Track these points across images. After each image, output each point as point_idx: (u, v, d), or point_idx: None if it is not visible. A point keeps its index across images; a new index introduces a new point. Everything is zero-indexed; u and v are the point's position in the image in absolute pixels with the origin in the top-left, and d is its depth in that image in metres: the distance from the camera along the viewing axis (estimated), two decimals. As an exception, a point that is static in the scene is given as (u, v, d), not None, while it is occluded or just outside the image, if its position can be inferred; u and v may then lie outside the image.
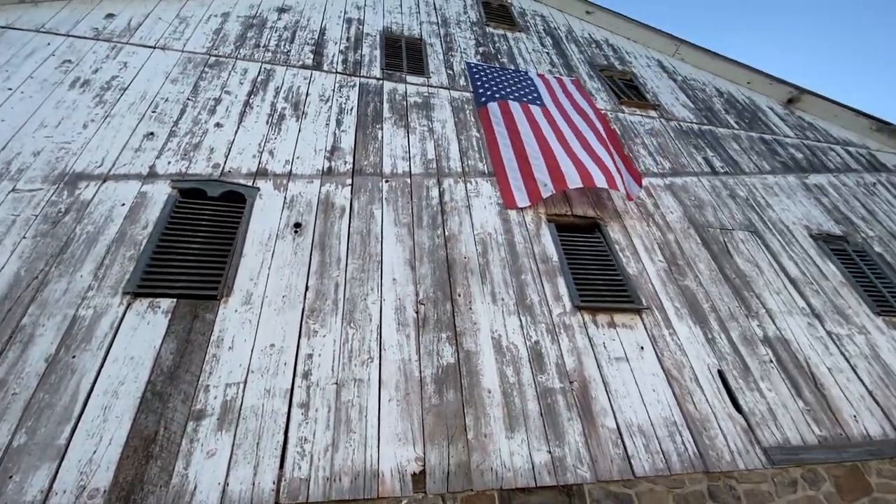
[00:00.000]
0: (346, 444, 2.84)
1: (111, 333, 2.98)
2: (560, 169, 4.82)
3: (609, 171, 4.82)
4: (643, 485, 3.08)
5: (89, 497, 2.40)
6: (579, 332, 3.79)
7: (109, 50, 5.03)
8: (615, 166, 4.98)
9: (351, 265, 3.76)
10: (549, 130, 5.38)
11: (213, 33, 5.71)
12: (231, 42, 5.66)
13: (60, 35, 5.03)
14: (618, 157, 5.21)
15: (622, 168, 5.11)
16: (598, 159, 5.00)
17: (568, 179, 4.68)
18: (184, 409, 2.78)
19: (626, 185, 4.83)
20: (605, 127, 5.65)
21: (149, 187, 3.85)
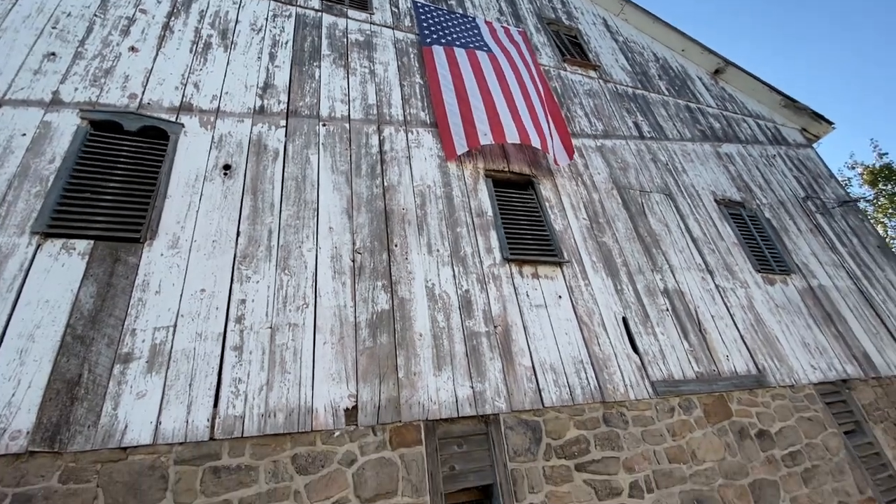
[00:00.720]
0: (280, 383, 2.98)
1: (21, 275, 2.81)
2: (500, 121, 4.92)
3: (543, 134, 5.00)
4: (550, 413, 3.55)
5: (11, 438, 2.38)
6: (506, 282, 4.10)
7: (-12, -57, 4.24)
8: (549, 129, 5.18)
9: (285, 211, 3.72)
10: (494, 80, 5.40)
11: (122, -64, 4.95)
12: (144, -50, 4.96)
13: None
14: (552, 121, 5.39)
15: (554, 133, 5.30)
16: (536, 119, 5.16)
17: (507, 133, 4.81)
18: (109, 353, 2.75)
19: (554, 151, 5.06)
20: (545, 87, 5.76)
21: (53, 116, 3.47)
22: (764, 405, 4.40)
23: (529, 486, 3.20)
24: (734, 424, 4.16)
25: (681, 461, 3.73)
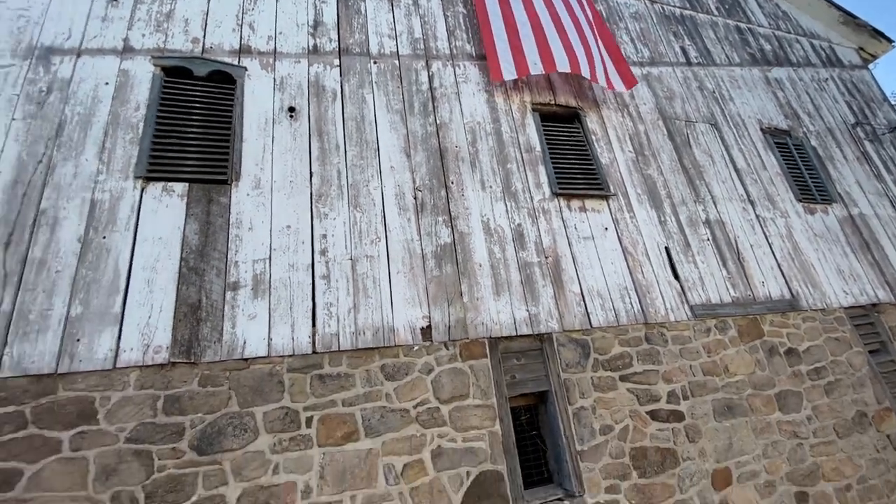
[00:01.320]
0: (365, 306, 3.39)
1: (133, 216, 3.17)
2: (550, 48, 4.85)
3: (593, 61, 4.93)
4: (597, 333, 3.93)
5: (155, 352, 2.87)
6: (555, 216, 4.33)
7: None
8: (600, 56, 5.08)
9: (350, 152, 3.94)
10: (542, 5, 5.23)
11: None
12: None
13: None
14: (604, 47, 5.26)
15: (608, 59, 5.20)
16: (587, 46, 5.05)
17: (557, 61, 4.76)
18: (219, 282, 3.16)
19: (608, 76, 5.00)
20: (592, 10, 5.54)
21: (129, 64, 3.66)
22: (794, 327, 4.71)
23: (580, 393, 3.66)
24: (765, 343, 4.51)
25: (714, 374, 4.14)
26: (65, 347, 2.73)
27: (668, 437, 3.75)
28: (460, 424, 3.27)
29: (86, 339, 2.78)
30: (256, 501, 2.72)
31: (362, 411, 3.11)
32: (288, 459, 2.86)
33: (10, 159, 3.09)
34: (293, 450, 2.89)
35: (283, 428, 2.92)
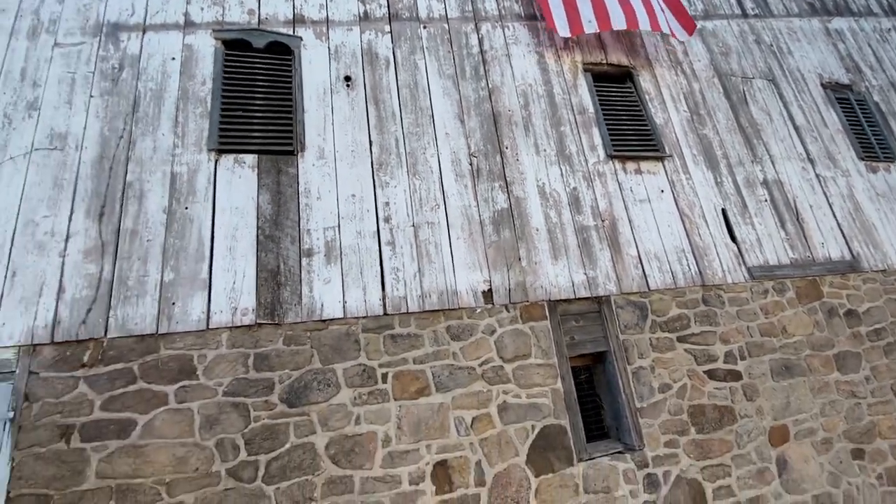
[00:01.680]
0: (429, 271, 3.50)
1: (210, 187, 3.32)
2: (605, 5, 4.68)
3: (653, 11, 4.72)
4: (655, 295, 3.96)
5: (242, 314, 3.06)
6: (611, 178, 4.30)
7: None
8: (659, 4, 4.86)
9: (405, 119, 3.97)
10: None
11: None
12: None
13: None
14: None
15: (665, 7, 4.97)
16: (649, 4, 4.84)
17: (613, 19, 4.59)
18: (294, 249, 3.32)
19: (669, 24, 4.78)
20: None
21: (192, 39, 3.74)
22: (854, 288, 4.61)
23: (638, 353, 3.74)
24: (824, 305, 4.45)
25: (772, 335, 4.14)
26: (162, 310, 2.95)
27: (725, 395, 3.81)
28: (524, 382, 3.41)
29: (180, 303, 2.99)
30: (342, 449, 2.94)
31: (432, 368, 3.27)
32: (368, 411, 3.07)
33: (93, 135, 3.25)
34: (372, 403, 3.09)
35: (362, 383, 3.11)
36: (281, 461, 2.83)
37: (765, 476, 3.64)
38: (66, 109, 3.27)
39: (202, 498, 2.64)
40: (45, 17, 3.50)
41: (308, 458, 2.87)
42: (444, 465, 3.07)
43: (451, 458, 3.09)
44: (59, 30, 3.49)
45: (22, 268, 2.83)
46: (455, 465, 3.08)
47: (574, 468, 3.28)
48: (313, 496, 2.81)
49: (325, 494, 2.83)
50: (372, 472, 2.94)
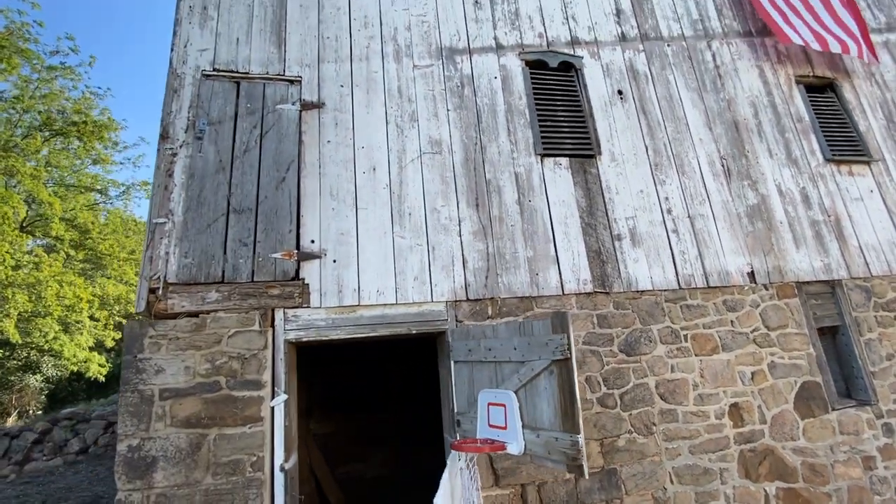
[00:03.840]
0: (706, 255, 4.33)
1: (542, 185, 4.21)
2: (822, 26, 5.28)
3: (856, 38, 5.31)
4: (875, 280, 4.70)
5: (583, 284, 3.97)
6: (830, 179, 5.00)
7: None
8: (856, 28, 5.44)
9: (668, 127, 4.75)
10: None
11: None
12: None
13: None
14: (854, 18, 5.58)
15: (856, 30, 5.54)
16: (842, 23, 5.42)
17: (830, 42, 5.20)
18: (607, 234, 4.19)
19: (865, 50, 5.37)
20: None
21: (504, 60, 4.58)
22: None
23: (867, 328, 4.51)
24: None
25: (971, 317, 4.83)
26: (532, 279, 3.88)
27: (937, 365, 4.56)
28: (785, 346, 4.24)
29: (542, 274, 3.92)
30: (667, 390, 3.86)
31: (717, 332, 4.14)
32: (679, 362, 3.97)
33: (457, 142, 4.17)
34: (680, 357, 3.99)
35: (672, 341, 4.01)
36: (629, 395, 3.77)
37: (974, 431, 4.41)
38: (434, 121, 4.19)
39: (584, 418, 3.60)
40: (402, 43, 4.39)
41: (646, 394, 3.80)
42: (737, 406, 3.95)
43: (740, 401, 3.98)
44: (414, 53, 4.38)
45: (437, 244, 3.80)
46: (744, 407, 3.97)
47: (829, 415, 4.13)
48: (653, 421, 3.75)
49: (660, 421, 3.77)
50: (688, 408, 3.86)
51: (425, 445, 6.28)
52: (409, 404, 7.01)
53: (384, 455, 6.82)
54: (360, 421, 6.84)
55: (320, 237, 3.60)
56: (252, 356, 3.23)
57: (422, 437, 6.61)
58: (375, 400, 7.03)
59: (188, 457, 2.97)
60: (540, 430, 2.54)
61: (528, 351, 2.69)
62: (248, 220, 3.51)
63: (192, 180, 3.50)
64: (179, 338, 3.18)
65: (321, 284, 3.49)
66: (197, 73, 3.81)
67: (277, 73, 3.98)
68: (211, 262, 3.35)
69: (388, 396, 7.12)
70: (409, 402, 7.03)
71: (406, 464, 6.70)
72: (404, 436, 6.91)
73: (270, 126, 3.80)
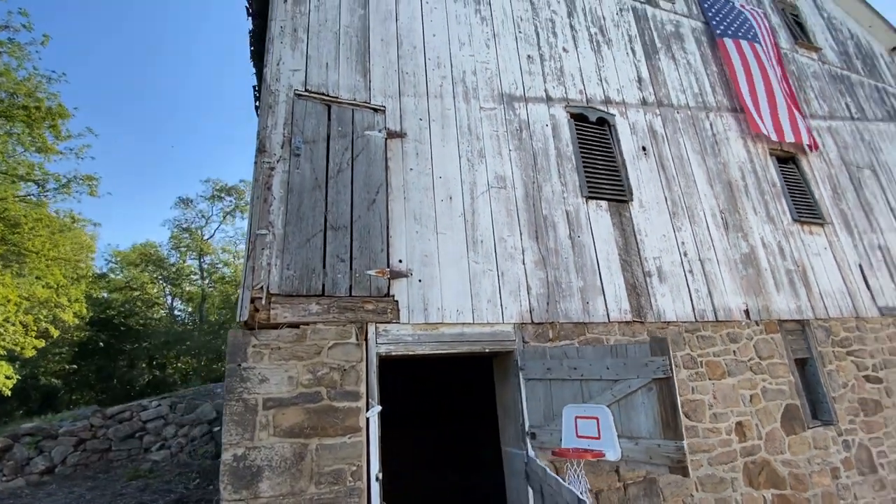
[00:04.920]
0: (714, 293, 5.10)
1: (588, 223, 4.77)
2: (779, 118, 6.50)
3: (800, 131, 6.60)
4: (832, 321, 5.74)
5: (624, 313, 4.54)
6: (797, 236, 6.07)
7: (453, -49, 5.50)
8: (804, 124, 6.74)
9: (680, 181, 5.56)
10: (769, 72, 6.83)
11: (512, -67, 6.08)
12: (527, -55, 6.12)
13: (409, -73, 5.36)
14: (799, 116, 6.89)
15: (800, 120, 6.85)
16: (793, 114, 6.70)
17: (786, 132, 6.42)
18: (640, 271, 4.82)
19: (809, 139, 6.67)
20: (784, 76, 7.14)
21: (553, 111, 5.17)
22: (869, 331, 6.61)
23: (828, 360, 5.49)
24: (919, 337, 6.40)
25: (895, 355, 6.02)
26: (584, 307, 4.38)
27: (875, 393, 5.63)
28: (773, 373, 5.06)
29: (591, 303, 4.43)
30: (690, 409, 4.46)
31: (724, 360, 4.86)
32: (697, 385, 4.61)
33: (518, 179, 4.63)
34: (698, 380, 4.64)
35: (692, 366, 4.66)
36: (662, 412, 4.31)
37: (902, 448, 5.48)
38: (499, 158, 4.63)
39: (633, 431, 4.07)
40: (469, 85, 4.83)
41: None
42: (741, 424, 4.66)
43: (743, 420, 4.68)
44: (480, 96, 4.83)
45: (505, 271, 4.19)
46: (746, 425, 4.68)
47: (806, 433, 4.96)
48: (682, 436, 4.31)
49: (686, 437, 4.34)
50: (706, 425, 4.49)
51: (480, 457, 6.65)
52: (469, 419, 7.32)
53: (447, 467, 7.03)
54: (428, 434, 7.04)
55: (406, 258, 3.84)
56: (350, 368, 3.38)
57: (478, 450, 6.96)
58: (436, 414, 7.29)
59: (293, 466, 3.04)
60: (638, 439, 2.97)
61: (624, 370, 3.13)
62: (344, 237, 3.68)
63: (290, 195, 3.63)
64: (281, 348, 3.26)
65: (409, 302, 3.72)
66: (290, 92, 3.97)
67: (364, 100, 4.23)
68: (311, 275, 3.48)
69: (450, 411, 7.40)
70: (469, 417, 7.34)
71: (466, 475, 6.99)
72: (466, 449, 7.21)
73: (360, 150, 4.03)
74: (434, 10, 5.02)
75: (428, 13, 4.97)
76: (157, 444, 7.13)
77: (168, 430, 7.31)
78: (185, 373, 32.70)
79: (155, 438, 7.21)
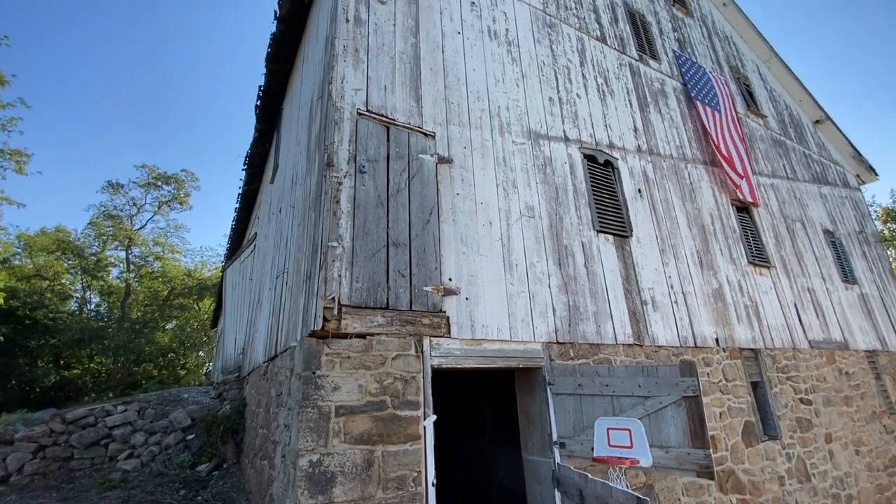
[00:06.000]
0: (693, 322, 5.87)
1: (598, 255, 5.35)
2: (737, 176, 7.62)
3: (753, 187, 7.80)
4: (777, 350, 6.77)
5: (627, 337, 5.12)
6: (750, 276, 7.10)
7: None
8: (756, 181, 7.94)
9: (667, 222, 6.35)
10: (730, 137, 7.97)
11: (535, -17, 6.67)
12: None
13: (451, -34, 5.74)
14: (750, 170, 8.12)
15: (755, 179, 8.08)
16: (747, 174, 7.90)
17: (741, 190, 7.55)
18: (638, 299, 5.46)
19: (754, 193, 7.89)
20: (742, 138, 8.39)
21: (570, 150, 5.74)
22: (849, 358, 7.96)
23: (773, 384, 6.47)
24: (836, 367, 7.69)
25: (820, 381, 7.19)
26: (597, 329, 4.90)
27: (808, 413, 6.71)
28: (735, 394, 5.90)
29: (602, 326, 4.97)
30: (677, 423, 5.11)
31: (701, 381, 5.60)
32: (682, 403, 5.28)
33: (543, 210, 5.11)
34: (682, 398, 5.31)
35: (678, 386, 5.32)
36: (657, 426, 4.92)
37: (825, 459, 6.57)
38: (528, 190, 5.08)
39: (637, 442, 4.62)
40: (503, 119, 5.26)
41: (666, 425, 5.00)
42: (713, 437, 5.39)
43: (715, 434, 5.43)
44: (512, 131, 5.28)
45: (535, 293, 4.62)
46: (717, 438, 5.43)
47: (759, 446, 5.82)
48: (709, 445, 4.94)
49: (674, 447, 4.98)
50: (688, 437, 5.15)
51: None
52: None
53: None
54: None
55: (455, 276, 4.14)
56: (411, 378, 3.60)
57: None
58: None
59: (363, 472, 3.20)
60: (668, 448, 3.48)
61: (655, 388, 3.65)
62: (404, 253, 3.91)
63: (357, 210, 3.81)
64: (351, 357, 3.42)
65: (457, 318, 4.01)
66: (353, 111, 4.16)
67: (417, 125, 4.51)
68: (377, 288, 3.67)
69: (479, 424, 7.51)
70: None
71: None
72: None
73: (415, 172, 4.29)
74: (473, 47, 5.42)
75: (469, 49, 5.36)
76: (125, 452, 6.63)
77: (137, 438, 6.84)
78: (96, 374, 29.56)
79: (122, 446, 6.70)
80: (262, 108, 7.96)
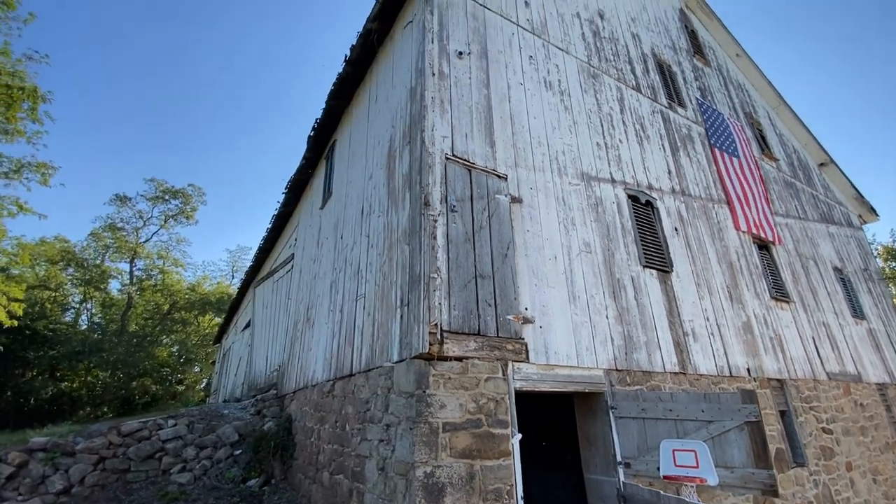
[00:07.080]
0: (728, 353, 6.31)
1: (645, 288, 5.82)
2: (756, 217, 8.21)
3: (772, 226, 8.39)
4: (800, 381, 7.22)
5: (673, 365, 5.55)
6: (774, 311, 7.60)
7: (542, 47, 6.59)
8: (773, 221, 8.55)
9: (700, 259, 6.86)
10: (751, 177, 8.60)
11: (581, 39, 7.34)
12: (591, 49, 7.40)
13: (512, 22, 6.38)
14: (770, 213, 8.74)
15: (772, 218, 8.68)
16: (765, 213, 8.50)
17: (763, 229, 8.13)
18: (681, 331, 5.91)
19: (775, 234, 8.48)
20: (762, 180, 9.04)
21: (616, 191, 6.27)
22: (863, 390, 8.42)
23: (799, 413, 6.89)
24: (852, 398, 8.13)
25: (839, 411, 7.62)
26: (648, 358, 5.32)
27: (830, 442, 7.11)
28: (767, 421, 6.30)
29: (652, 355, 5.39)
30: (719, 447, 5.50)
31: (737, 409, 6.01)
32: (722, 429, 5.67)
33: (597, 245, 5.59)
34: (722, 424, 5.71)
35: (718, 413, 5.73)
36: (702, 450, 5.31)
37: (848, 486, 6.94)
38: (584, 227, 5.58)
39: (687, 464, 5.00)
40: (561, 163, 5.79)
41: (710, 450, 5.39)
42: (750, 462, 5.77)
43: (751, 459, 5.80)
44: (568, 174, 5.80)
45: (595, 324, 5.05)
46: (753, 463, 5.80)
47: (790, 471, 6.20)
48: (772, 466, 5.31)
49: (718, 471, 5.35)
50: (729, 462, 5.53)
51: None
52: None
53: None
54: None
55: (530, 306, 4.57)
56: (501, 399, 3.98)
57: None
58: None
59: (466, 484, 3.55)
60: (733, 468, 3.87)
61: (718, 414, 4.06)
62: (489, 285, 4.35)
63: (450, 245, 4.26)
64: (452, 378, 3.81)
65: (534, 345, 4.42)
66: (441, 156, 4.65)
67: (492, 168, 5.01)
68: (470, 316, 4.09)
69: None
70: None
71: None
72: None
73: (493, 211, 4.76)
74: (533, 97, 5.99)
75: (529, 98, 5.93)
76: (178, 465, 6.83)
77: (188, 452, 7.04)
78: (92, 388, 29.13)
79: (174, 460, 6.90)
80: (314, 139, 8.49)
